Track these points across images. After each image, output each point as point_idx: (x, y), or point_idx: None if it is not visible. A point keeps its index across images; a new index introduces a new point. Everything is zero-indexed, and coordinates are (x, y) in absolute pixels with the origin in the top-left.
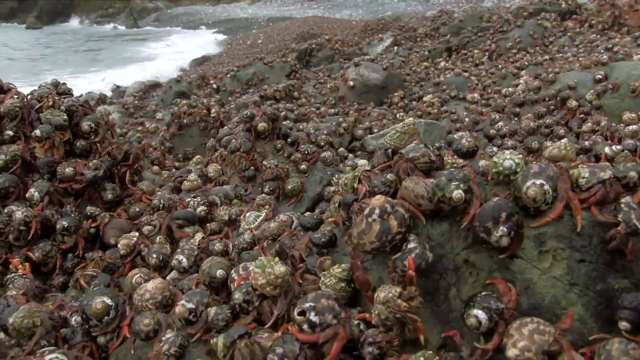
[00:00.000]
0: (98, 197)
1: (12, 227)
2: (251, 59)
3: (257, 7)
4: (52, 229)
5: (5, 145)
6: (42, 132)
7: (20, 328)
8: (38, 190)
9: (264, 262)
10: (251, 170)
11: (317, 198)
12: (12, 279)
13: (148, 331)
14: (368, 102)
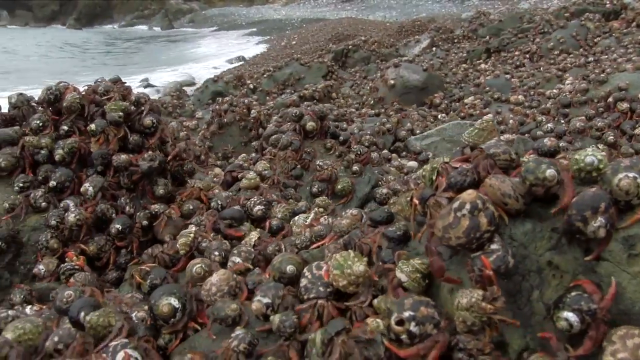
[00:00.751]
0: (150, 191)
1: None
2: (287, 59)
3: (290, 8)
4: (107, 222)
5: (62, 140)
6: (97, 126)
7: (97, 326)
8: (92, 185)
9: (340, 261)
10: (298, 169)
11: (365, 198)
12: (69, 270)
13: (235, 316)
14: (408, 103)
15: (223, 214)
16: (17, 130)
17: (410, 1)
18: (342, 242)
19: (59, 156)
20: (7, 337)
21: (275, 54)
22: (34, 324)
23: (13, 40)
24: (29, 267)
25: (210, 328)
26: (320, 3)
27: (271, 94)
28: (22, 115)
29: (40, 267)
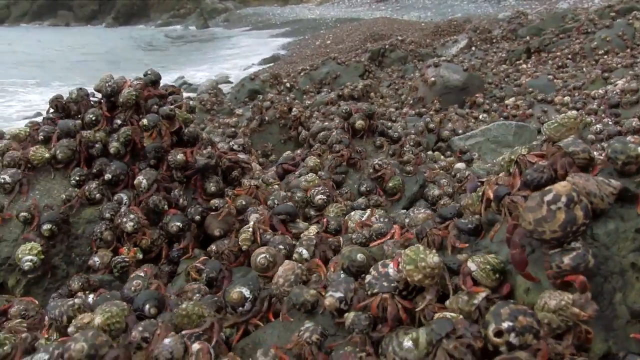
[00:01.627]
0: (201, 187)
1: (121, 218)
2: (324, 58)
3: (324, 8)
4: (160, 215)
5: (116, 133)
6: (150, 120)
7: (192, 314)
8: (146, 178)
9: (412, 256)
10: (343, 166)
11: (413, 198)
12: (120, 264)
13: (313, 302)
14: (448, 103)
15: (277, 210)
16: (77, 124)
17: (445, 1)
18: (415, 232)
19: (113, 149)
20: (101, 335)
21: (310, 53)
22: (120, 307)
23: (56, 38)
24: (83, 258)
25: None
26: (354, 3)
27: (308, 93)
28: (78, 109)
29: (95, 259)
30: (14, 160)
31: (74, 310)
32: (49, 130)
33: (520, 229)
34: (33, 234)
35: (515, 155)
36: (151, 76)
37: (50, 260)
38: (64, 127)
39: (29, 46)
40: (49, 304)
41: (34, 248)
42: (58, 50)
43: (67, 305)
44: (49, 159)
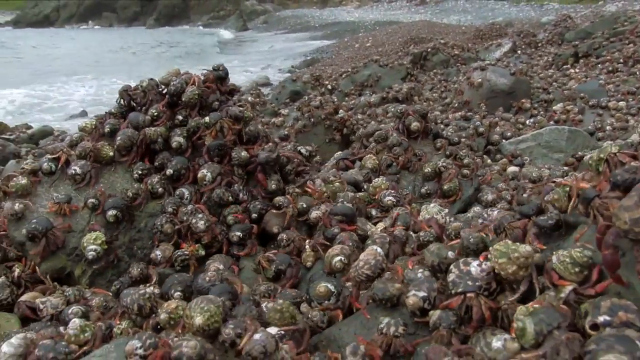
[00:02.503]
0: (264, 179)
1: (188, 216)
2: (366, 60)
3: (363, 11)
4: (223, 206)
5: (179, 128)
6: (212, 118)
7: (286, 313)
8: (210, 171)
9: (502, 249)
10: (394, 167)
11: (468, 201)
12: (181, 257)
13: (399, 295)
14: (494, 107)
15: (334, 210)
16: (146, 120)
17: (486, 5)
18: (492, 227)
19: (176, 143)
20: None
21: (349, 56)
22: (216, 305)
23: (103, 38)
24: (145, 251)
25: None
26: (393, 6)
27: (350, 95)
28: (145, 101)
29: (157, 253)
30: (85, 151)
31: (145, 299)
32: (114, 123)
33: (613, 229)
34: (98, 223)
35: (604, 154)
36: (221, 73)
37: (113, 253)
38: (134, 120)
39: (82, 46)
40: (122, 293)
41: (98, 238)
42: (110, 49)
43: (138, 294)
44: (113, 156)
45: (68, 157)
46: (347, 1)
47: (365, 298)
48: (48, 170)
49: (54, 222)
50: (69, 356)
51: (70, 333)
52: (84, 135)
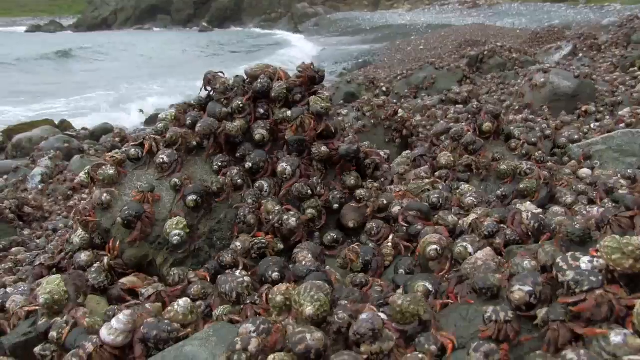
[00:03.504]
0: (348, 169)
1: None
2: (421, 63)
3: (414, 14)
4: (302, 200)
5: (262, 121)
6: (294, 113)
7: (406, 312)
8: (290, 164)
9: (614, 245)
10: (461, 167)
11: (542, 203)
12: (258, 245)
13: (499, 286)
14: (557, 110)
15: (410, 206)
16: (223, 112)
17: (542, 8)
18: (594, 222)
19: (259, 136)
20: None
21: (401, 58)
22: (325, 292)
23: (159, 40)
24: (224, 242)
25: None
26: (445, 9)
27: (405, 97)
28: (234, 92)
29: (237, 244)
30: (176, 135)
31: (244, 288)
32: (195, 116)
33: None
34: (180, 210)
35: None
36: (316, 75)
37: (195, 237)
38: (211, 110)
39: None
40: (219, 279)
41: (180, 222)
42: (170, 50)
43: (237, 282)
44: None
45: (152, 145)
46: (398, 4)
47: (462, 288)
48: (135, 155)
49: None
50: (172, 334)
51: (179, 311)
52: (169, 124)
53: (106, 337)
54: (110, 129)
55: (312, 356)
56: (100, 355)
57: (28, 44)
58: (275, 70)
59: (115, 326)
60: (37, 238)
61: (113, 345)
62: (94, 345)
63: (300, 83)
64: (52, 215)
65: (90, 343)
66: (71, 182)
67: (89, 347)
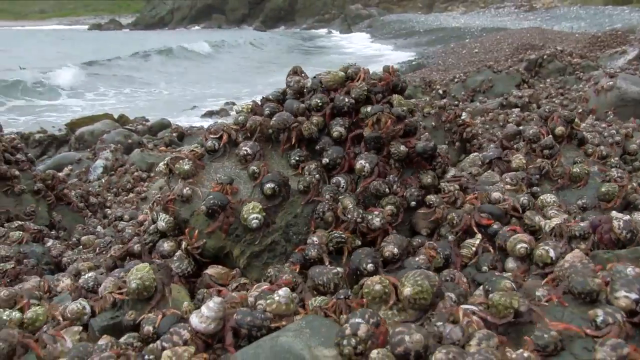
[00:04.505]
0: (425, 166)
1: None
2: (479, 66)
3: (469, 17)
4: (379, 198)
5: (340, 118)
6: (373, 109)
7: None
8: (368, 162)
9: None
10: (533, 169)
11: (620, 209)
12: (336, 238)
13: (599, 290)
14: (624, 116)
15: (482, 208)
16: (300, 108)
17: (603, 11)
18: None
19: (337, 133)
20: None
21: (455, 62)
22: (432, 282)
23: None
24: (300, 237)
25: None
26: (501, 12)
27: (462, 101)
28: (312, 90)
29: (314, 239)
30: (255, 123)
31: (339, 278)
32: (273, 107)
33: None
34: (255, 196)
35: None
36: (399, 84)
37: (271, 236)
38: (289, 106)
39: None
40: (312, 270)
41: (256, 207)
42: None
43: (332, 274)
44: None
45: (232, 135)
46: (453, 7)
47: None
48: (212, 147)
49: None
50: (265, 323)
51: (281, 301)
52: (246, 115)
53: (197, 324)
54: (168, 125)
55: (411, 358)
56: (195, 342)
57: (114, 42)
58: (357, 70)
59: (207, 314)
60: (103, 227)
61: (205, 332)
62: (190, 333)
63: (382, 86)
64: (113, 206)
65: (186, 330)
66: (131, 174)
67: (185, 334)
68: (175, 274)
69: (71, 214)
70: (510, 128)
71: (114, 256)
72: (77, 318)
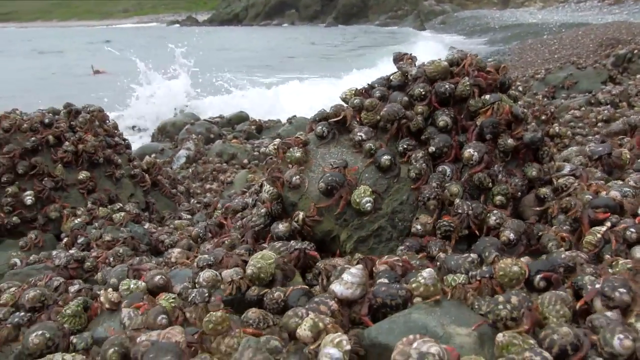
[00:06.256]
0: (532, 160)
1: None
2: (561, 62)
3: (547, 12)
4: (481, 190)
5: (447, 108)
6: (491, 97)
7: None
8: (477, 151)
9: None
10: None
11: None
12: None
13: None
14: None
15: (595, 203)
16: (404, 101)
17: None
18: None
19: (442, 122)
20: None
21: (531, 59)
22: (568, 304)
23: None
24: (405, 224)
25: None
26: (582, 7)
27: (542, 97)
28: (415, 80)
29: (418, 227)
30: (373, 105)
31: (469, 263)
32: (383, 90)
33: None
34: (369, 173)
35: None
36: (507, 82)
37: (377, 220)
38: (394, 98)
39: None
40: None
41: (367, 190)
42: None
43: (463, 258)
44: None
45: (348, 118)
46: (530, 2)
47: None
48: (321, 134)
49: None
50: (400, 299)
51: (428, 283)
52: (360, 98)
53: (343, 291)
54: (245, 117)
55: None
56: (341, 312)
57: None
58: (463, 55)
59: (350, 280)
60: (192, 214)
61: (351, 298)
62: (337, 304)
63: (489, 83)
64: (196, 195)
65: (333, 301)
66: (214, 164)
67: (332, 304)
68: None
69: (164, 199)
70: (616, 125)
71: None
72: (212, 285)
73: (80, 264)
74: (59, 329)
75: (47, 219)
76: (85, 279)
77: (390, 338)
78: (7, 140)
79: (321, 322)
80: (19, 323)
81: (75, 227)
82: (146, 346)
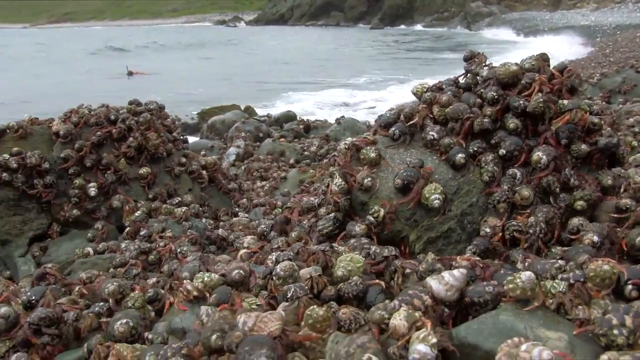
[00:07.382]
0: (605, 166)
1: None
2: (620, 65)
3: (600, 13)
4: (549, 194)
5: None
6: (569, 104)
7: None
8: (546, 154)
9: None
10: None
11: None
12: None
13: None
14: None
15: None
16: (477, 103)
17: None
18: None
19: (512, 125)
20: None
21: (586, 62)
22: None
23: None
24: (474, 226)
25: None
26: (639, 7)
27: (595, 102)
28: (487, 82)
29: (487, 230)
30: (449, 99)
31: (557, 269)
32: (454, 90)
33: None
34: (441, 168)
35: None
36: (575, 86)
37: (447, 221)
38: (465, 99)
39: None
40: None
41: (437, 187)
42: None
43: (550, 264)
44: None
45: (424, 119)
46: (582, 3)
47: None
48: (392, 135)
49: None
50: (489, 295)
51: (526, 287)
52: (432, 94)
53: (441, 290)
54: (293, 117)
55: None
56: (434, 309)
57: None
58: (533, 66)
59: (452, 282)
60: (247, 211)
61: (446, 300)
62: (431, 300)
63: (558, 88)
64: (246, 192)
65: (427, 296)
66: (264, 162)
67: (426, 299)
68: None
69: (219, 195)
70: None
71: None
72: (290, 275)
73: (146, 255)
74: (142, 318)
75: (111, 210)
76: (150, 271)
77: (480, 338)
78: (74, 134)
79: (417, 312)
80: (99, 312)
81: (137, 219)
82: (238, 337)
